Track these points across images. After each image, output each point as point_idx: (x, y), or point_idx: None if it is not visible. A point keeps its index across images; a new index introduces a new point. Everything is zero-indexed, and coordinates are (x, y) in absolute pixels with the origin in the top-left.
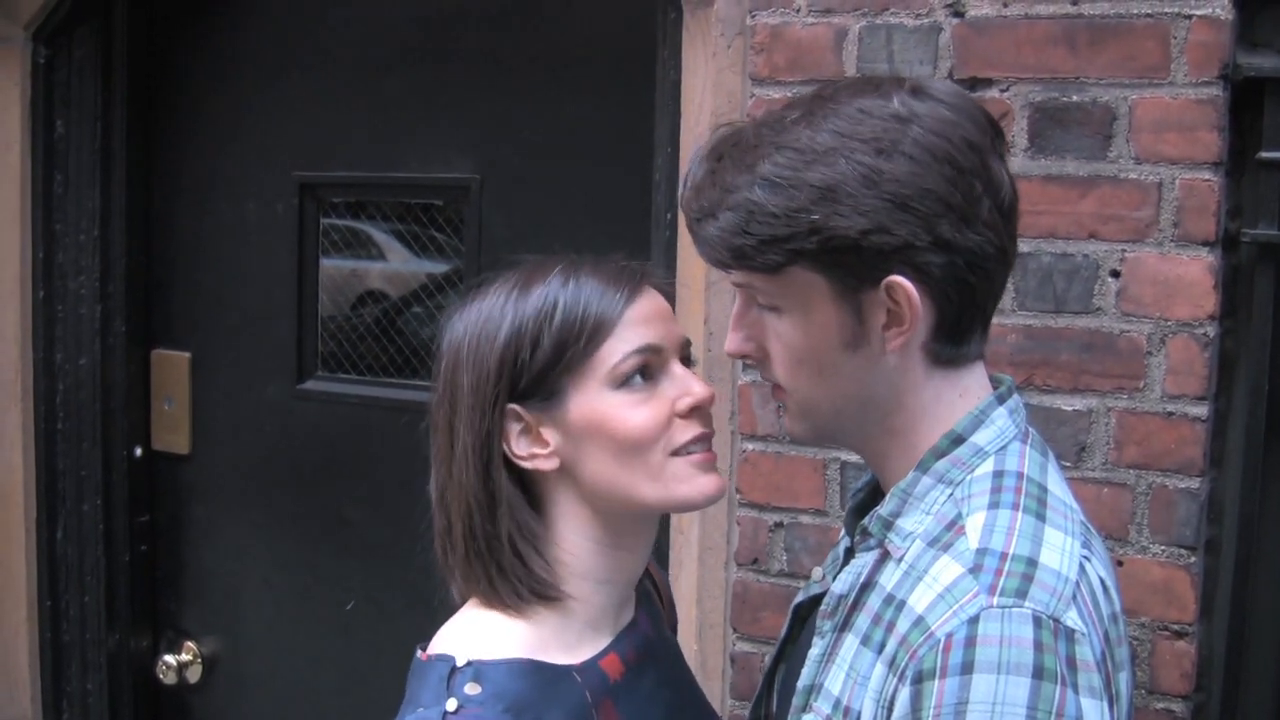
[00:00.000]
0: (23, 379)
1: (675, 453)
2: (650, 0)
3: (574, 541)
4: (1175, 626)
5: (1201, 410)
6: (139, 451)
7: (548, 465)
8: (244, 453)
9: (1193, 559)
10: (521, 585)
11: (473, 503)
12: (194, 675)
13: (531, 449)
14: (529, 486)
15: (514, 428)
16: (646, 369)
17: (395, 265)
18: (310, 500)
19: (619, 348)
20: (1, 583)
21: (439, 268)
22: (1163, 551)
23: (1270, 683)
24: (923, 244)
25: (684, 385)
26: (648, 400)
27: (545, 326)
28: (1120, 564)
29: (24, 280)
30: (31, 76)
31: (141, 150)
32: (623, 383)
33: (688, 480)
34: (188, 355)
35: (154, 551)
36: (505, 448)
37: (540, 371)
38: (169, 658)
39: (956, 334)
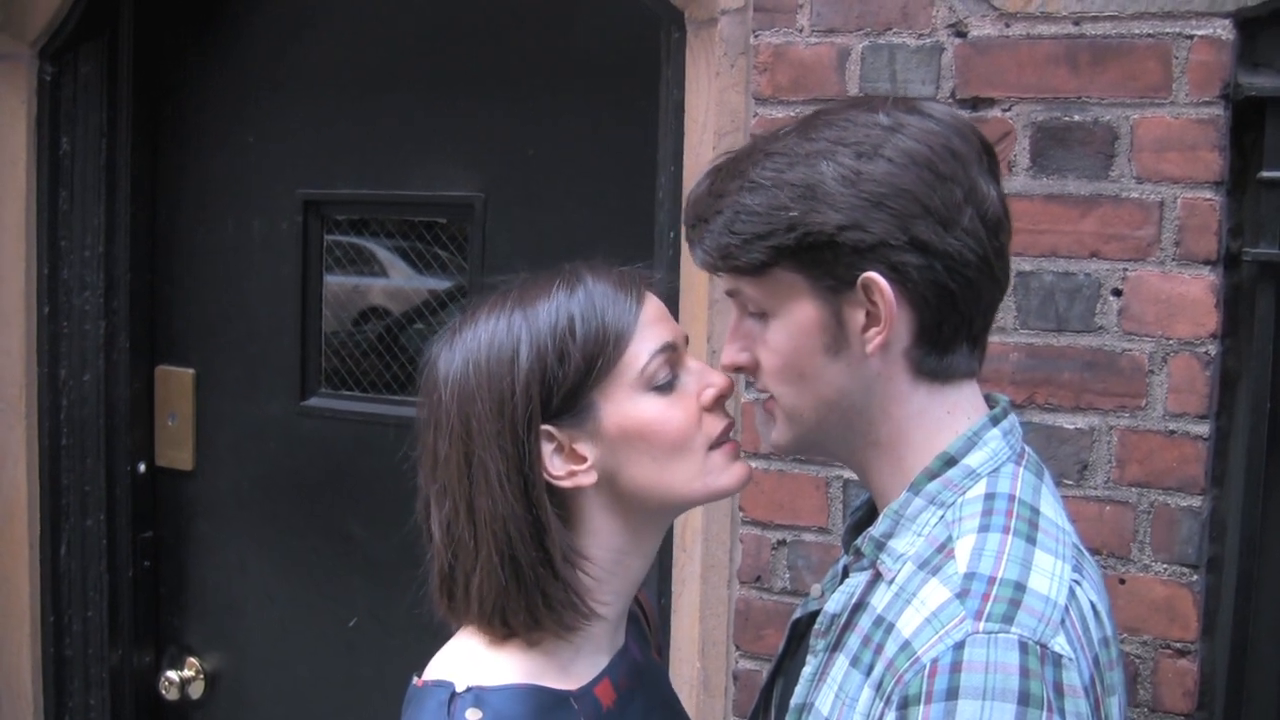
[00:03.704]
0: (27, 395)
1: (713, 446)
2: (654, 19)
3: (599, 554)
4: (1177, 645)
5: (1203, 428)
6: (142, 467)
7: (588, 480)
8: (247, 469)
9: (1195, 577)
10: (567, 612)
11: (514, 532)
12: (197, 691)
13: (568, 466)
14: (556, 505)
15: (547, 448)
16: (670, 367)
17: (398, 282)
18: (313, 516)
19: (643, 350)
20: (4, 598)
21: (442, 284)
22: (1165, 570)
23: (1272, 701)
24: (898, 243)
25: (704, 378)
26: (678, 399)
27: (568, 340)
28: (1122, 582)
29: (29, 296)
30: (37, 93)
31: (146, 167)
32: (651, 384)
33: (724, 471)
34: (191, 371)
35: (157, 567)
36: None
37: (572, 387)
38: (172, 673)
39: (939, 342)
